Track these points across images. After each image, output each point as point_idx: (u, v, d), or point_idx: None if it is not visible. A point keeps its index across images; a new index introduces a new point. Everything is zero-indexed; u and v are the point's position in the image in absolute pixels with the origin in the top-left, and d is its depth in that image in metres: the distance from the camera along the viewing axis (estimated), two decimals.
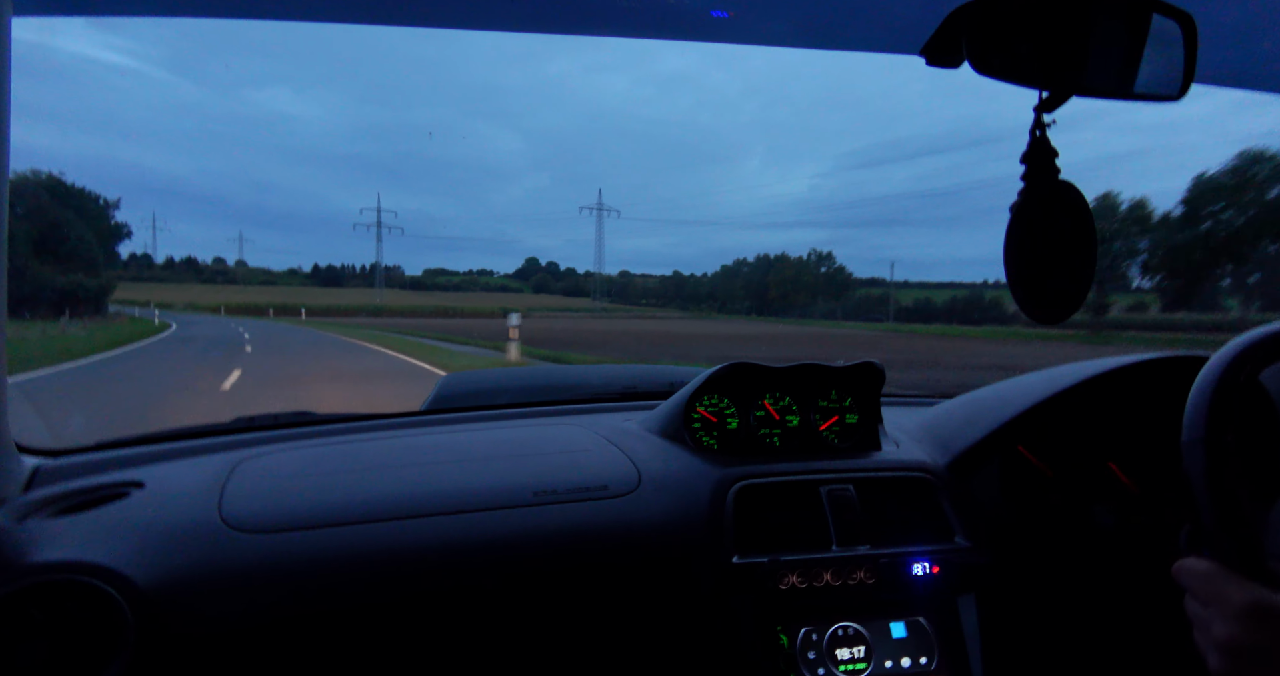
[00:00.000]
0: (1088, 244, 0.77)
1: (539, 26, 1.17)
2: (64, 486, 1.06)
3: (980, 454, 1.21)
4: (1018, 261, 0.76)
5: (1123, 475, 1.25)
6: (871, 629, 1.06)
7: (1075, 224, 0.77)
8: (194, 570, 0.90)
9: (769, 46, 1.10)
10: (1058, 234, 0.76)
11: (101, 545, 0.90)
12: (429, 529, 1.01)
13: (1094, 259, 0.78)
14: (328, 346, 19.40)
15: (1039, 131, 0.76)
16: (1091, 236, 0.77)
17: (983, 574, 1.10)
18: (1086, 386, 1.19)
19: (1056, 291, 0.77)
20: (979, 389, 1.39)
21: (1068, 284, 0.77)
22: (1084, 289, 0.77)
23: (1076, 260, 0.77)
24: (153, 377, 11.30)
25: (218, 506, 1.00)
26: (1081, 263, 0.77)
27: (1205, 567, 0.67)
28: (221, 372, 11.18)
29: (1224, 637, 0.62)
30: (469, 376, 2.31)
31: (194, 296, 69.27)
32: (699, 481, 1.12)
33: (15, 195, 1.41)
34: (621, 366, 2.00)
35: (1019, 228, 0.76)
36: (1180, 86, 0.77)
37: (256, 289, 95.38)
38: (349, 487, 1.08)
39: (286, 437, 1.33)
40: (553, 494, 1.08)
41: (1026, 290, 0.76)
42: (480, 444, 1.28)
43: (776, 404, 1.31)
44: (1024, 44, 0.73)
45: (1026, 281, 0.76)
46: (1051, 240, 0.76)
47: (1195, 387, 0.74)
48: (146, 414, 7.35)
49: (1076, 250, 0.77)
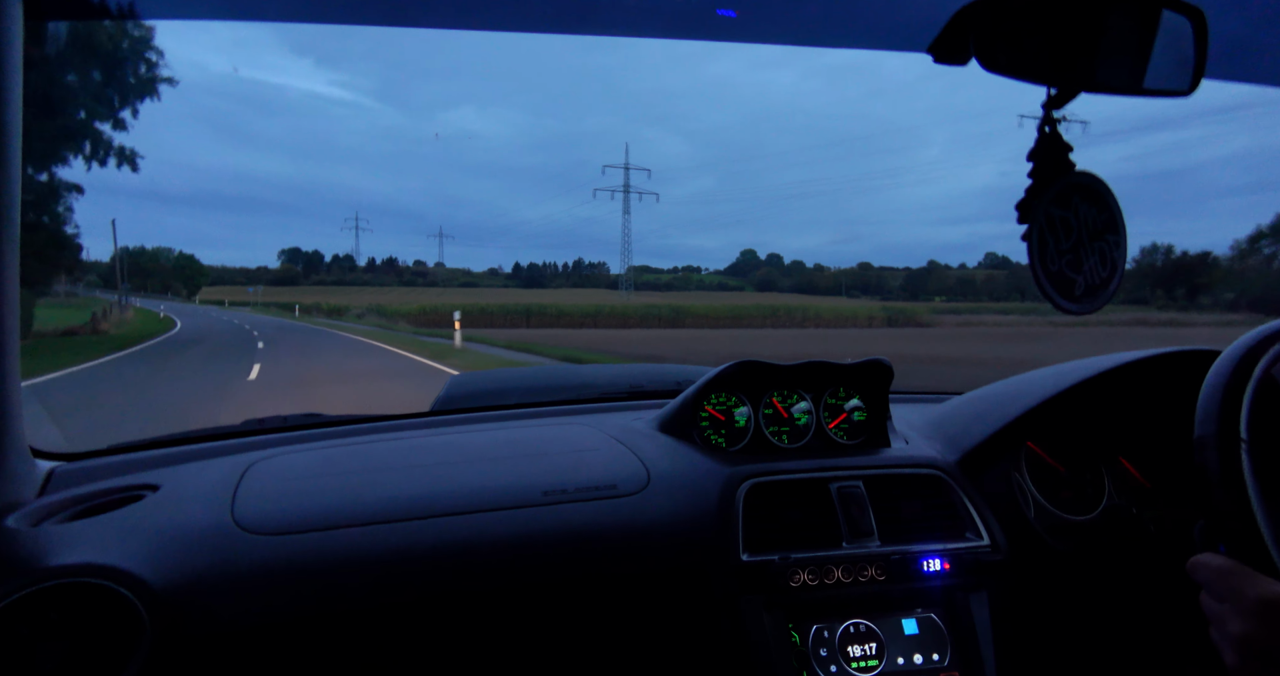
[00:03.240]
0: (1115, 230, 0.78)
1: (545, 26, 1.17)
2: (79, 490, 1.07)
3: (990, 450, 1.21)
4: (1044, 259, 0.76)
5: (1134, 470, 1.25)
6: (883, 626, 1.06)
7: (1097, 207, 0.77)
8: (208, 572, 0.91)
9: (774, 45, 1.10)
10: (1080, 225, 0.76)
11: (116, 548, 0.91)
12: (439, 529, 1.01)
13: (1122, 235, 0.78)
14: None
15: (1048, 128, 0.76)
16: (1118, 223, 0.78)
17: (994, 570, 1.10)
18: (1097, 382, 1.19)
19: (1087, 282, 0.77)
20: (989, 385, 1.39)
21: (1099, 271, 0.77)
22: (1115, 275, 0.78)
23: (1103, 243, 0.77)
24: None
25: (230, 508, 1.01)
26: (1109, 243, 0.78)
27: (1221, 563, 0.66)
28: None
29: (1240, 633, 0.62)
30: (477, 377, 2.31)
31: (395, 300, 59.56)
32: (708, 480, 1.13)
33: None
34: (629, 365, 2.00)
35: (1041, 232, 0.76)
36: (1191, 81, 0.77)
37: (457, 291, 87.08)
38: (359, 488, 1.08)
39: (297, 439, 1.34)
40: (562, 493, 1.08)
41: (1056, 285, 0.76)
42: (489, 444, 1.28)
43: (785, 402, 1.31)
44: (1032, 40, 0.73)
45: (1056, 277, 0.76)
46: (1075, 233, 0.76)
47: (1208, 381, 0.74)
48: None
49: (1101, 234, 0.77)
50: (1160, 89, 0.76)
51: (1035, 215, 0.75)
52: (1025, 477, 1.21)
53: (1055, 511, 1.18)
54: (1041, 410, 1.20)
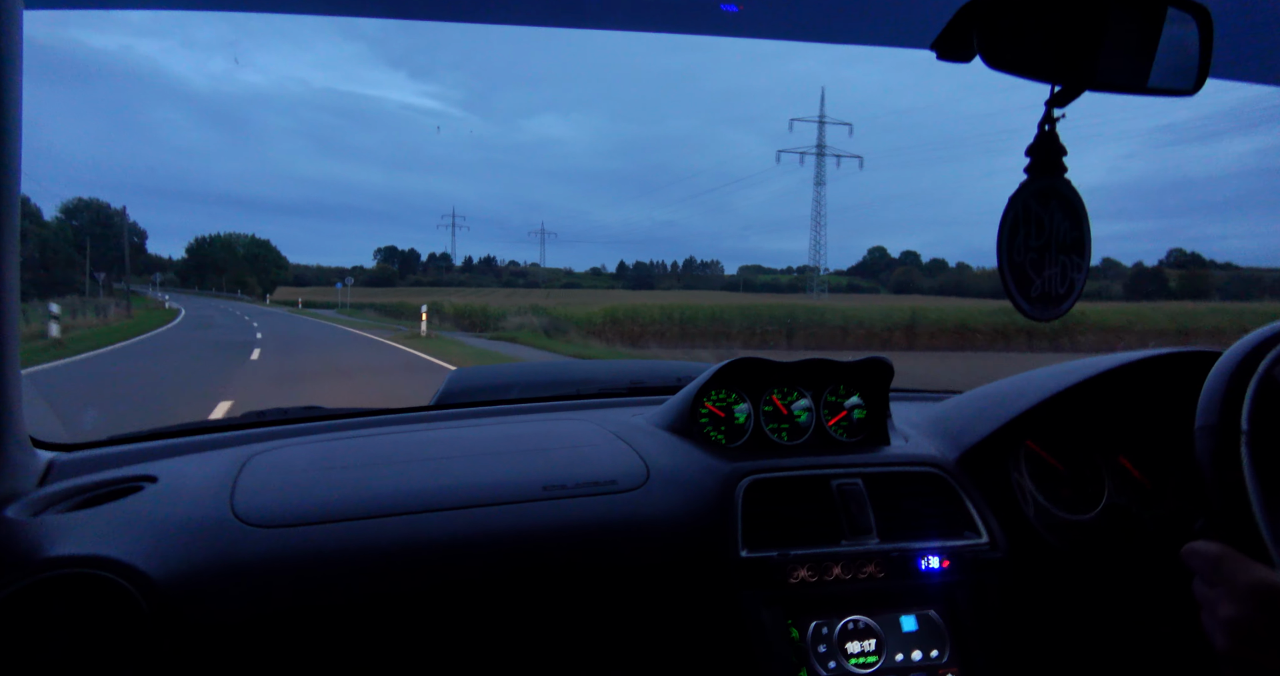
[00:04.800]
0: (1079, 245, 0.78)
1: (546, 20, 1.16)
2: (79, 480, 1.07)
3: (990, 448, 1.21)
4: (1010, 248, 0.76)
5: (1134, 469, 1.25)
6: (882, 622, 1.06)
7: (1071, 223, 0.77)
8: (207, 564, 0.91)
9: (779, 40, 1.10)
10: (1052, 230, 0.76)
11: (116, 539, 0.91)
12: (438, 523, 1.01)
13: (1086, 259, 0.78)
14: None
15: (1047, 126, 0.75)
16: (1084, 237, 0.78)
17: (993, 568, 1.10)
18: (1097, 381, 1.19)
19: (1044, 289, 0.77)
20: (989, 384, 1.39)
21: (1057, 283, 0.77)
22: (1071, 296, 0.78)
23: (1067, 259, 0.77)
24: None
25: (230, 501, 1.01)
26: (1072, 263, 0.78)
27: (1213, 549, 0.67)
28: None
29: (1230, 617, 0.63)
30: (477, 371, 2.31)
31: (501, 302, 39.45)
32: (707, 476, 1.13)
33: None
34: (629, 361, 2.00)
35: (1015, 219, 0.76)
36: (1195, 81, 0.76)
37: (562, 292, 70.89)
38: (359, 482, 1.08)
39: (296, 432, 1.34)
40: (561, 488, 1.08)
41: (1016, 277, 0.76)
42: (489, 439, 1.28)
43: (785, 399, 1.31)
44: (1036, 38, 0.73)
45: (1017, 270, 0.76)
46: (1045, 236, 0.76)
47: (1211, 376, 0.74)
48: None
49: (1068, 250, 0.77)
50: (1164, 88, 0.76)
51: (1015, 202, 0.75)
52: (1025, 476, 1.21)
53: (1055, 510, 1.18)
54: (1042, 409, 1.19)
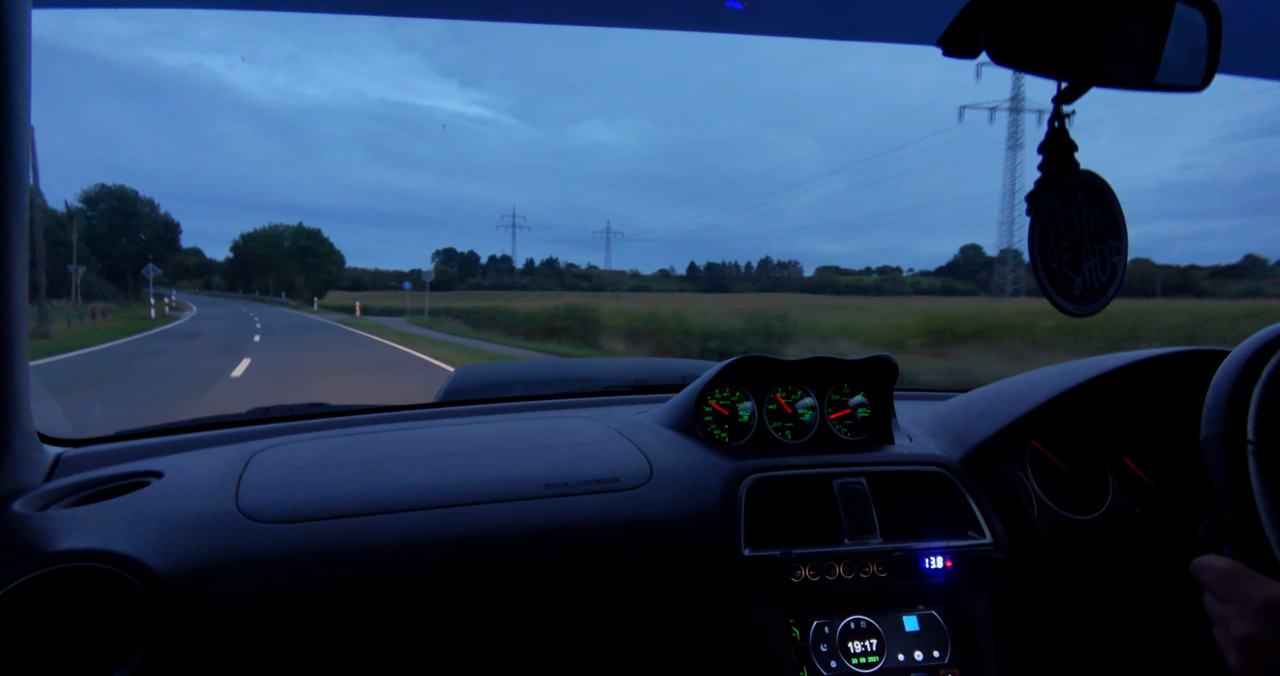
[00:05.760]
0: (1114, 228, 0.76)
1: (549, 17, 1.16)
2: (85, 475, 1.08)
3: (994, 448, 1.20)
4: (1044, 254, 0.75)
5: (1139, 470, 1.24)
6: (884, 622, 1.06)
7: (1101, 210, 0.76)
8: (212, 559, 0.91)
9: (785, 37, 1.09)
10: (1082, 225, 0.75)
11: (121, 534, 0.91)
12: (442, 520, 1.01)
13: (1124, 240, 0.77)
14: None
15: (1057, 122, 0.75)
16: (1117, 219, 0.76)
17: (996, 568, 1.10)
18: (1103, 381, 1.18)
19: (1086, 284, 0.76)
20: (994, 383, 1.38)
21: (1098, 273, 0.76)
22: (1115, 280, 0.76)
23: (1104, 246, 0.76)
24: None
25: (235, 496, 1.01)
26: (1110, 247, 0.77)
27: (1224, 565, 0.66)
28: None
29: (1243, 635, 0.62)
30: (481, 369, 2.31)
31: (629, 305, 24.99)
32: (711, 474, 1.12)
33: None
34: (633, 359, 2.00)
35: (1043, 226, 0.75)
36: (1204, 77, 0.76)
37: (633, 296, 59.30)
38: (363, 478, 1.08)
39: (301, 429, 1.34)
40: (565, 486, 1.08)
41: (1055, 282, 0.75)
42: (493, 436, 1.28)
43: (789, 397, 1.30)
44: (1043, 33, 0.72)
45: (1055, 275, 0.75)
46: (1077, 233, 0.75)
47: (1215, 381, 0.73)
48: None
49: (1102, 237, 0.76)
50: (1172, 84, 0.75)
51: (1039, 208, 0.74)
52: (1029, 476, 1.20)
53: (1059, 510, 1.18)
54: (1046, 409, 1.19)
